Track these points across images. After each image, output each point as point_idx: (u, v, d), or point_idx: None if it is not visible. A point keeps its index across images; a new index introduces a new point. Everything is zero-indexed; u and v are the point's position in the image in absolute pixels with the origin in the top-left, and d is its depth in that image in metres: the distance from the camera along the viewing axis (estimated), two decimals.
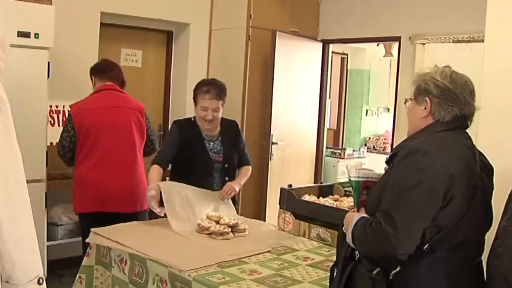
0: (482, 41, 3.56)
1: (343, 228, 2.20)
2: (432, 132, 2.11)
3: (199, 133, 3.67)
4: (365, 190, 2.24)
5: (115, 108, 3.79)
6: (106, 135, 3.71)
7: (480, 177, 2.09)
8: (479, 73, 3.27)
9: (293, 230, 3.38)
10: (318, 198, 3.54)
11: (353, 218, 2.13)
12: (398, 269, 2.00)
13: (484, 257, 2.13)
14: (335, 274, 2.23)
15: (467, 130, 2.21)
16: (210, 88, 3.60)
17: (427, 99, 2.13)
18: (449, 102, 2.10)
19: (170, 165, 3.70)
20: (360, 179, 2.24)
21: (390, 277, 2.01)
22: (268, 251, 2.95)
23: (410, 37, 5.46)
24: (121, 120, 3.79)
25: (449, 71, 2.16)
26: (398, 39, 5.65)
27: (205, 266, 2.60)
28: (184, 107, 5.53)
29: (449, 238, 2.00)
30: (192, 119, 3.73)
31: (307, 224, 3.31)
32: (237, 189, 3.68)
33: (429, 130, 2.12)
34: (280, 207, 3.50)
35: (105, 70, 3.86)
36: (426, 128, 2.14)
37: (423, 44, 5.40)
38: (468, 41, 4.88)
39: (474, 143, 2.20)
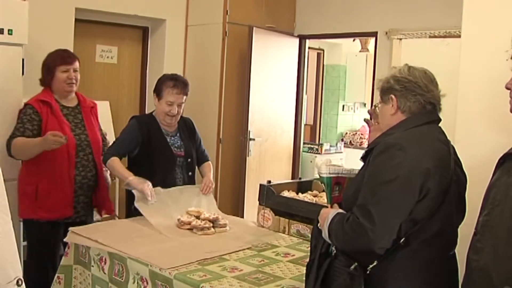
0: (459, 36, 3.59)
1: (318, 224, 2.22)
2: (406, 127, 2.15)
3: (159, 128, 3.65)
4: (337, 186, 2.28)
5: None
6: None
7: (454, 171, 2.14)
8: (456, 67, 3.30)
9: (272, 226, 3.38)
10: (297, 194, 3.55)
11: (328, 214, 2.15)
12: (375, 263, 2.03)
13: (460, 252, 2.16)
14: (310, 271, 2.24)
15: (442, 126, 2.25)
16: (177, 83, 3.60)
17: (392, 96, 2.19)
18: (411, 92, 2.17)
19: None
20: (331, 175, 2.28)
21: (368, 272, 2.04)
22: (248, 248, 2.94)
23: (386, 32, 5.48)
24: None
25: (406, 67, 2.24)
26: (374, 34, 5.67)
27: (186, 264, 2.59)
28: None
29: (423, 231, 2.05)
30: (152, 114, 3.71)
31: (287, 220, 3.32)
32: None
33: (403, 126, 2.16)
34: (260, 204, 3.49)
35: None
36: (399, 124, 2.18)
37: (400, 39, 5.43)
38: (444, 36, 4.92)
39: (448, 137, 2.24)
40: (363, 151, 2.23)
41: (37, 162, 3.49)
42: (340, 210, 2.15)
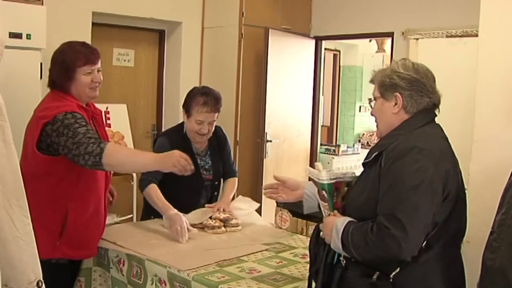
0: (476, 35, 3.56)
1: (321, 234, 2.15)
2: (411, 128, 2.08)
3: (190, 148, 3.36)
4: (336, 191, 2.18)
5: None
6: None
7: (460, 170, 2.14)
8: (473, 67, 3.27)
9: (290, 227, 3.36)
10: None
11: (336, 223, 2.06)
12: (397, 270, 1.98)
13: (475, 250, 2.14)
14: (314, 284, 2.19)
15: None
16: (207, 99, 3.31)
17: (397, 94, 2.10)
18: (419, 92, 2.09)
19: None
20: (332, 181, 2.17)
21: (391, 280, 1.98)
22: (266, 250, 2.94)
23: (403, 33, 5.47)
24: None
25: (410, 62, 2.16)
26: (391, 34, 5.66)
27: (204, 266, 2.59)
28: (177, 106, 5.45)
29: (444, 233, 2.03)
30: (184, 132, 3.43)
31: (305, 221, 3.30)
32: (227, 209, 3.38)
33: (409, 126, 2.09)
34: (277, 205, 3.48)
35: None
36: (404, 125, 2.11)
37: (417, 39, 5.40)
38: (462, 36, 4.89)
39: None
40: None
41: (69, 182, 2.72)
42: (349, 219, 2.07)
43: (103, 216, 2.91)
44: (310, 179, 2.33)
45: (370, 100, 2.24)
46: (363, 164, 2.17)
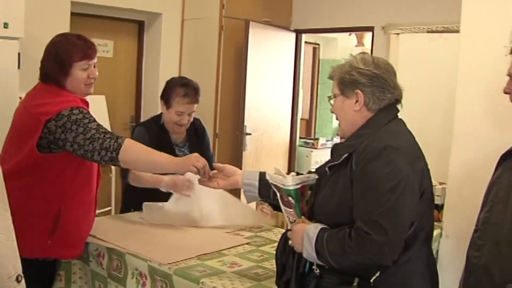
0: (456, 31, 3.59)
1: (290, 243, 2.09)
2: (378, 126, 2.01)
3: (169, 140, 3.38)
4: (301, 196, 2.10)
5: None
6: None
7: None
8: (453, 62, 3.30)
9: (271, 221, 3.37)
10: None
11: (307, 231, 1.98)
12: (377, 274, 1.93)
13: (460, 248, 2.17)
14: None
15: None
16: (188, 90, 3.30)
17: (358, 91, 2.02)
18: (381, 88, 2.01)
19: None
20: (298, 186, 2.07)
21: (372, 285, 1.93)
22: (247, 243, 2.93)
23: (383, 27, 5.48)
24: None
25: (369, 56, 2.07)
26: (371, 29, 5.68)
27: (185, 259, 2.58)
28: (156, 98, 5.31)
29: (420, 232, 2.00)
30: (161, 123, 3.41)
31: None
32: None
33: (374, 124, 2.03)
34: None
35: None
36: (369, 123, 2.04)
37: (397, 34, 5.42)
38: (443, 31, 4.91)
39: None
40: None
41: (65, 180, 2.61)
42: (321, 225, 1.99)
43: (94, 214, 2.84)
44: (272, 185, 2.18)
45: (329, 98, 2.15)
46: (330, 167, 2.07)
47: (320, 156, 7.22)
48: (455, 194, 3.15)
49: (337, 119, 2.16)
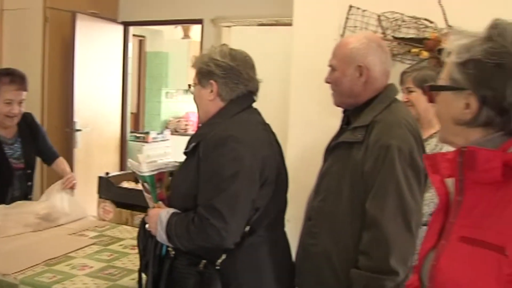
0: (287, 24, 3.76)
1: (146, 226, 2.14)
2: (228, 116, 2.11)
3: None
4: (158, 182, 2.18)
5: None
6: None
7: (280, 154, 2.23)
8: (286, 54, 3.47)
9: (114, 219, 3.31)
10: (137, 184, 3.50)
11: (159, 215, 2.06)
12: (223, 257, 2.02)
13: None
14: (144, 277, 2.18)
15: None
16: (13, 77, 3.17)
17: (212, 81, 2.11)
18: (234, 80, 2.11)
19: None
20: (154, 173, 2.16)
21: (218, 267, 2.02)
22: (94, 243, 2.85)
23: (212, 20, 5.54)
24: None
25: (227, 49, 2.16)
26: (200, 21, 5.69)
27: (31, 266, 2.44)
28: None
29: (265, 217, 2.10)
30: None
31: (129, 211, 3.27)
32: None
33: (225, 114, 2.12)
34: (100, 197, 3.41)
35: None
36: (221, 112, 2.13)
37: (229, 26, 5.51)
38: (274, 25, 5.06)
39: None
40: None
41: None
42: (173, 210, 2.08)
43: None
44: (134, 172, 2.27)
45: (189, 86, 2.25)
46: (185, 153, 2.15)
47: (153, 150, 7.18)
48: (292, 180, 3.32)
49: (196, 107, 2.23)
